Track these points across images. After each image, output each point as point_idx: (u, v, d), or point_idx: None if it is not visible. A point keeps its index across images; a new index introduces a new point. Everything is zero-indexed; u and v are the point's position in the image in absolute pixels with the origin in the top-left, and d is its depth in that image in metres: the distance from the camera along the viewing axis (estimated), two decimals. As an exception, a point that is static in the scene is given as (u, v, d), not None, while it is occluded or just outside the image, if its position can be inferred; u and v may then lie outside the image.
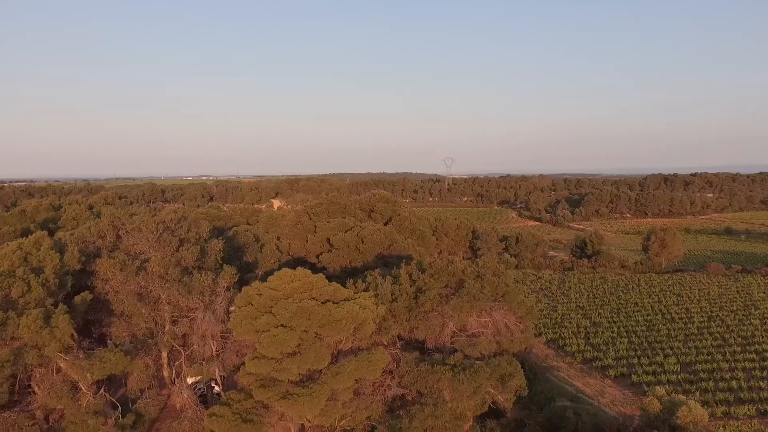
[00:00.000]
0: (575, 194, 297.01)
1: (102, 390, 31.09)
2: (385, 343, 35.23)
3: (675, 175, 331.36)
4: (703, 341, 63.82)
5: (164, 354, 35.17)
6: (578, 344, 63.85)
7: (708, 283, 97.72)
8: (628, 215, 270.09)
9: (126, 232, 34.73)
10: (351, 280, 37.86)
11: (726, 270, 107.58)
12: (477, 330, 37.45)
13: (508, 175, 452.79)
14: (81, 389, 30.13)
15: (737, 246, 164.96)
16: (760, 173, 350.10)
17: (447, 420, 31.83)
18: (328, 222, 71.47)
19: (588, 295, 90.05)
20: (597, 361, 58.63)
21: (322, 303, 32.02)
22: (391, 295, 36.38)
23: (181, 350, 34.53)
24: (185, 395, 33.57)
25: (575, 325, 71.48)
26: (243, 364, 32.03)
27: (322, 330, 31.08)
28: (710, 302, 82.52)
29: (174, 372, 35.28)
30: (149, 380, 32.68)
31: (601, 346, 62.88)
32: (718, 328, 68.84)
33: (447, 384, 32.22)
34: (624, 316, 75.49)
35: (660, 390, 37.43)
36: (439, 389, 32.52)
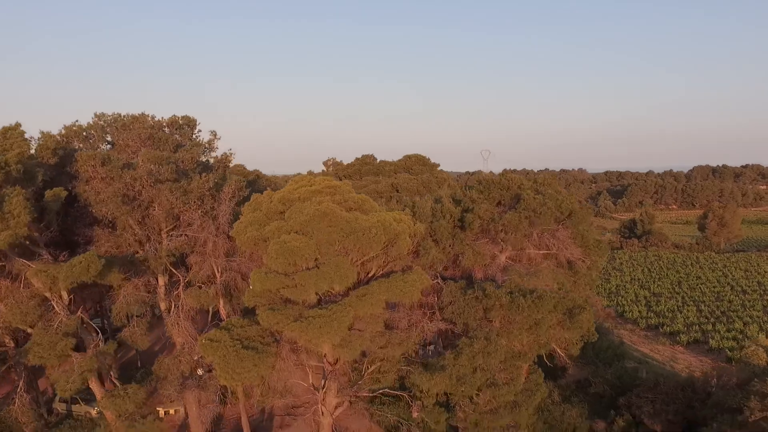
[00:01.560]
0: (617, 185, 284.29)
1: (80, 312, 25.75)
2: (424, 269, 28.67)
3: (724, 167, 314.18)
4: (787, 311, 55.43)
5: (161, 281, 29.58)
6: (639, 311, 56.18)
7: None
8: (674, 206, 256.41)
9: (116, 129, 29.34)
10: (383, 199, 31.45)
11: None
12: (536, 262, 30.64)
13: (546, 169, 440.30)
14: (54, 308, 24.84)
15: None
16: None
17: (501, 358, 25.16)
18: (360, 179, 65.40)
19: (643, 269, 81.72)
20: (664, 327, 50.96)
21: (348, 210, 25.74)
22: (432, 214, 29.88)
23: (180, 275, 28.96)
24: (183, 326, 28.04)
25: (633, 294, 63.67)
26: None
27: (346, 241, 24.69)
28: (786, 276, 73.42)
29: (172, 303, 29.75)
30: (138, 305, 27.24)
31: (666, 314, 55.06)
32: (802, 299, 60.15)
33: (502, 313, 25.59)
34: (687, 288, 67.17)
35: (765, 339, 30.18)
36: (490, 320, 25.94)
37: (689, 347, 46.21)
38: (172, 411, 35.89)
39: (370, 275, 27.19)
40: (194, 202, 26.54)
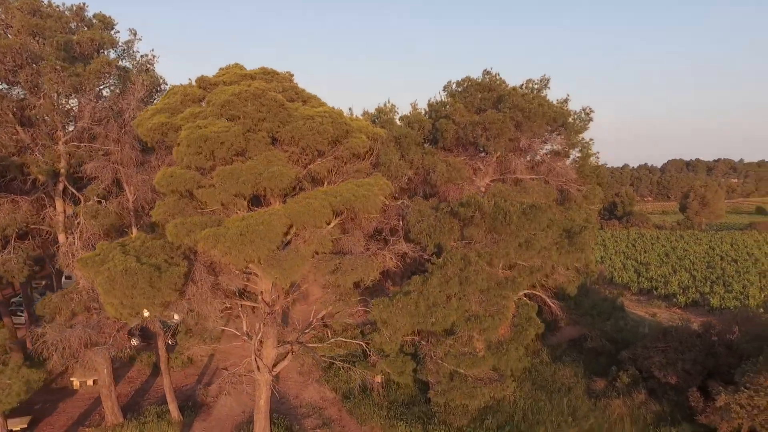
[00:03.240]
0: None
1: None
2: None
3: (698, 161, 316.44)
4: (786, 275, 51.28)
5: (59, 206, 23.22)
6: (629, 277, 51.43)
7: (764, 236, 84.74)
8: (649, 198, 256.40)
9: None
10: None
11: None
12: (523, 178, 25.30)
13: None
14: None
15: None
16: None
17: (483, 286, 19.56)
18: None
19: (627, 244, 77.37)
20: (658, 290, 46.23)
21: (289, 101, 19.86)
22: (399, 120, 24.30)
23: (81, 196, 22.73)
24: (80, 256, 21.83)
25: (620, 263, 59.00)
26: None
27: (282, 131, 18.79)
28: (775, 247, 69.83)
29: (73, 234, 23.52)
30: (17, 227, 20.85)
31: (658, 279, 50.37)
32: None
33: (484, 228, 20.08)
34: (676, 258, 62.83)
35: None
36: (469, 240, 20.38)
37: (688, 309, 41.46)
38: (90, 382, 29.54)
39: (316, 185, 21.30)
40: (90, 88, 20.29)
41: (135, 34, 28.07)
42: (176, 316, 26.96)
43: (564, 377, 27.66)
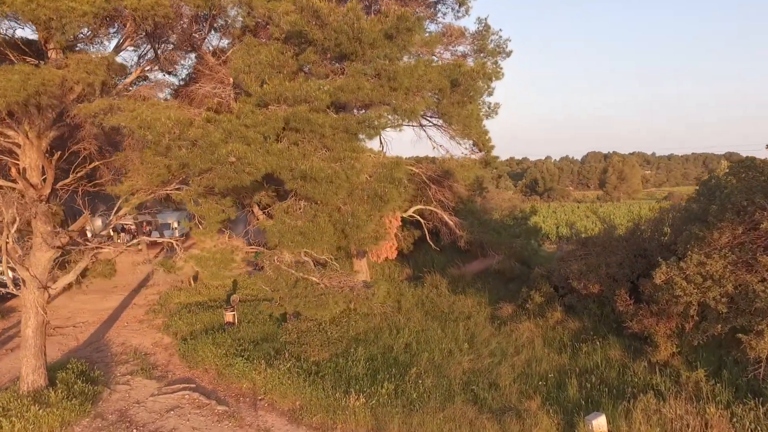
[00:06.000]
0: (517, 170, 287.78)
1: None
2: None
3: (615, 153, 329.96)
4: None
5: None
6: (548, 228, 47.26)
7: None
8: (570, 188, 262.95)
9: None
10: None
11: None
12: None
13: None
14: None
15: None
16: (692, 153, 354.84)
17: (324, 131, 13.09)
18: None
19: (548, 212, 74.23)
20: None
21: None
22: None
23: None
24: None
25: (540, 221, 54.97)
26: None
27: None
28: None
29: None
30: None
31: (582, 229, 46.40)
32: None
33: (326, 62, 13.64)
34: (600, 216, 59.69)
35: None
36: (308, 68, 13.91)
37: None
38: None
39: None
40: None
41: None
42: None
43: (464, 306, 21.89)
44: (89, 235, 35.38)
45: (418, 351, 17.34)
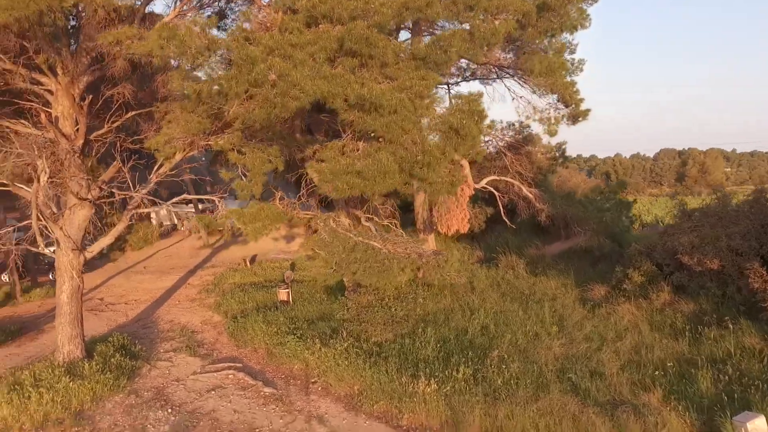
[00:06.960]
0: (585, 168, 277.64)
1: None
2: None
3: (690, 150, 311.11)
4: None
5: None
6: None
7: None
8: (642, 185, 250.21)
9: None
10: None
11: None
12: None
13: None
14: None
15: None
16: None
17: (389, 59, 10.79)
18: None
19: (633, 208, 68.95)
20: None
21: None
22: None
23: None
24: None
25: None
26: None
27: None
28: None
29: None
30: None
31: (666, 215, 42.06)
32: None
33: None
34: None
35: None
36: None
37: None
38: None
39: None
40: None
41: None
42: None
43: (547, 288, 19.04)
44: (153, 223, 34.87)
45: (498, 334, 14.71)
